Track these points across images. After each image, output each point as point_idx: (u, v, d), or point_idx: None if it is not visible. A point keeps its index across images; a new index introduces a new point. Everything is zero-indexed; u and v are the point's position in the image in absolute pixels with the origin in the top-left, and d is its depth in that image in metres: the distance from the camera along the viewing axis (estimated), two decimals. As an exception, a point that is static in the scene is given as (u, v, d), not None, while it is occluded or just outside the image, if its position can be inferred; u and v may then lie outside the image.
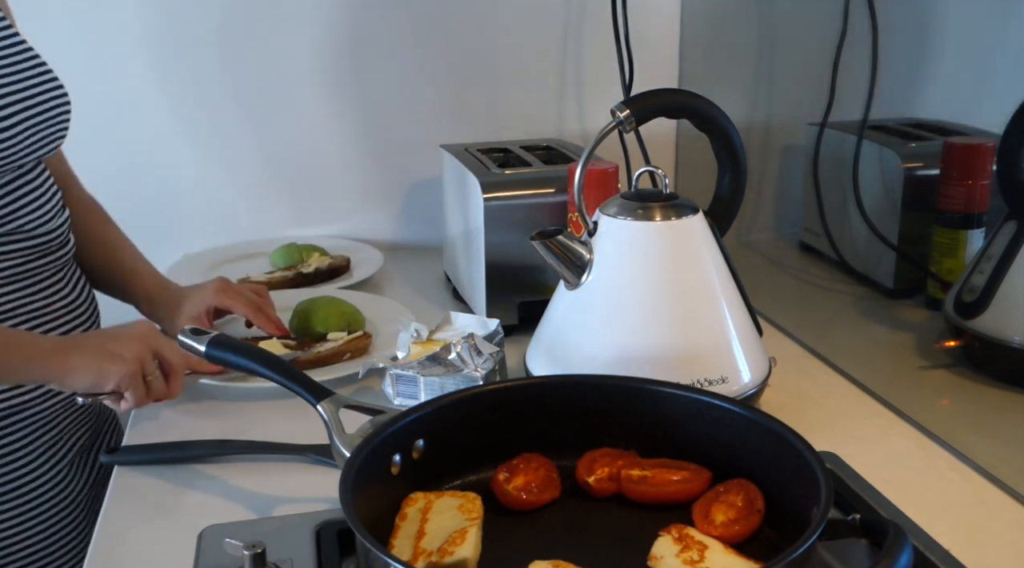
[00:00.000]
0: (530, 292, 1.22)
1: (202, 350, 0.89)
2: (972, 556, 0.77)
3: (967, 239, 1.27)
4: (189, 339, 0.90)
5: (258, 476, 0.93)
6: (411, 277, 1.50)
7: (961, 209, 1.26)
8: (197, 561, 0.78)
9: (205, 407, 1.07)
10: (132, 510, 0.89)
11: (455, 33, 1.59)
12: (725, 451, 0.81)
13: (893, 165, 1.33)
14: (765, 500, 0.77)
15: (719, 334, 0.98)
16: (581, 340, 0.99)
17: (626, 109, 1.00)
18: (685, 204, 1.00)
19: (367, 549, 0.64)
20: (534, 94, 1.63)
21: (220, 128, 1.55)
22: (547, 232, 0.99)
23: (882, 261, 1.37)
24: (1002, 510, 0.87)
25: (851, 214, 1.39)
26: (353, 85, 1.55)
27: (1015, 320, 1.08)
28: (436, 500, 0.78)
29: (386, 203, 1.64)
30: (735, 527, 0.74)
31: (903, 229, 1.33)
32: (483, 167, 1.29)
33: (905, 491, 0.86)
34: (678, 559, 0.70)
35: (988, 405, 1.08)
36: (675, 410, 0.83)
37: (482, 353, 1.03)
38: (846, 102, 1.41)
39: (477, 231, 1.24)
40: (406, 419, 0.79)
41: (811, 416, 1.02)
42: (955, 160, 1.26)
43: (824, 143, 1.45)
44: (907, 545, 0.63)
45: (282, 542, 0.77)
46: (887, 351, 1.24)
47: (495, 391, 0.88)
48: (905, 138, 1.40)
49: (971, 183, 1.25)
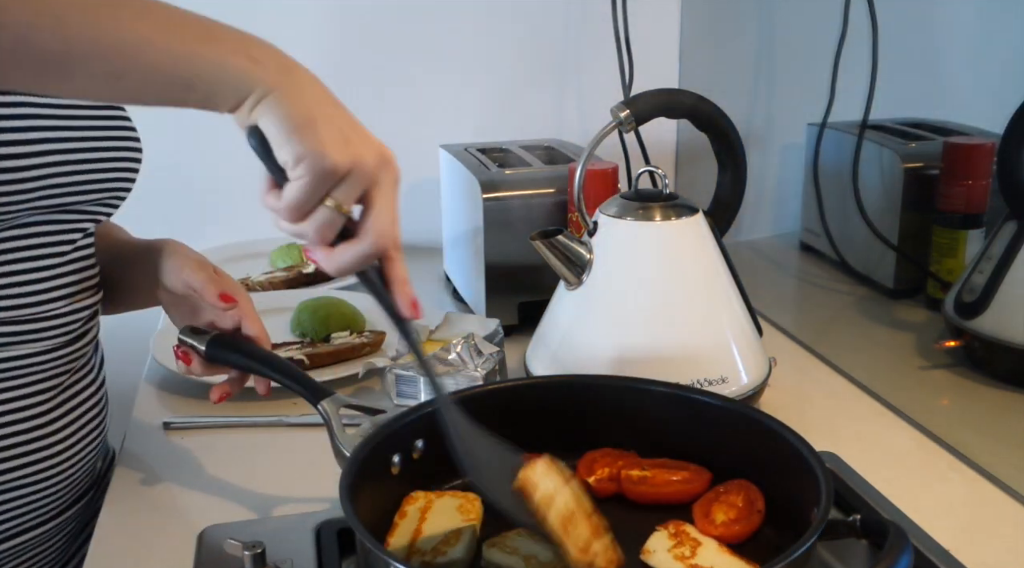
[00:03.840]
0: (530, 292, 1.22)
1: (202, 349, 0.89)
2: (972, 556, 0.77)
3: (967, 239, 1.27)
4: (189, 338, 0.90)
5: (258, 476, 0.93)
6: (411, 277, 1.49)
7: (961, 209, 1.26)
8: (197, 561, 0.78)
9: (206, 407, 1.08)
10: (132, 510, 0.89)
11: (455, 33, 1.59)
12: (725, 451, 0.81)
13: (893, 165, 1.33)
14: (765, 500, 0.77)
15: (719, 334, 0.98)
16: (581, 340, 0.99)
17: (626, 109, 1.00)
18: (685, 204, 1.00)
19: (367, 549, 0.64)
20: (534, 94, 1.63)
21: (220, 127, 1.54)
22: (547, 232, 0.99)
23: (882, 261, 1.37)
24: (1002, 510, 0.87)
25: (851, 214, 1.39)
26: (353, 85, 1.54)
27: (1015, 320, 1.08)
28: (436, 500, 0.78)
29: (386, 203, 1.64)
30: (735, 527, 0.74)
31: (903, 229, 1.33)
32: (483, 167, 1.29)
33: (905, 491, 0.86)
34: (669, 553, 0.71)
35: (988, 405, 1.08)
36: (675, 410, 0.83)
37: (482, 353, 1.03)
38: (846, 102, 1.41)
39: (477, 231, 1.24)
40: (406, 419, 0.79)
41: (811, 416, 1.02)
42: (955, 160, 1.26)
43: (824, 143, 1.45)
44: (907, 546, 0.63)
45: (282, 542, 0.77)
46: (887, 351, 1.24)
47: (495, 391, 0.88)
48: (905, 138, 1.40)
49: (971, 183, 1.25)
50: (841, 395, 1.10)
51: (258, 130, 0.63)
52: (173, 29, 0.62)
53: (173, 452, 0.99)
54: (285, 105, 0.62)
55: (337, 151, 0.62)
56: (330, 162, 0.62)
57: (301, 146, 0.62)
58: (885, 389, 1.09)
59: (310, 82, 0.65)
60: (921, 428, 1.01)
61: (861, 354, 1.20)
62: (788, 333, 1.26)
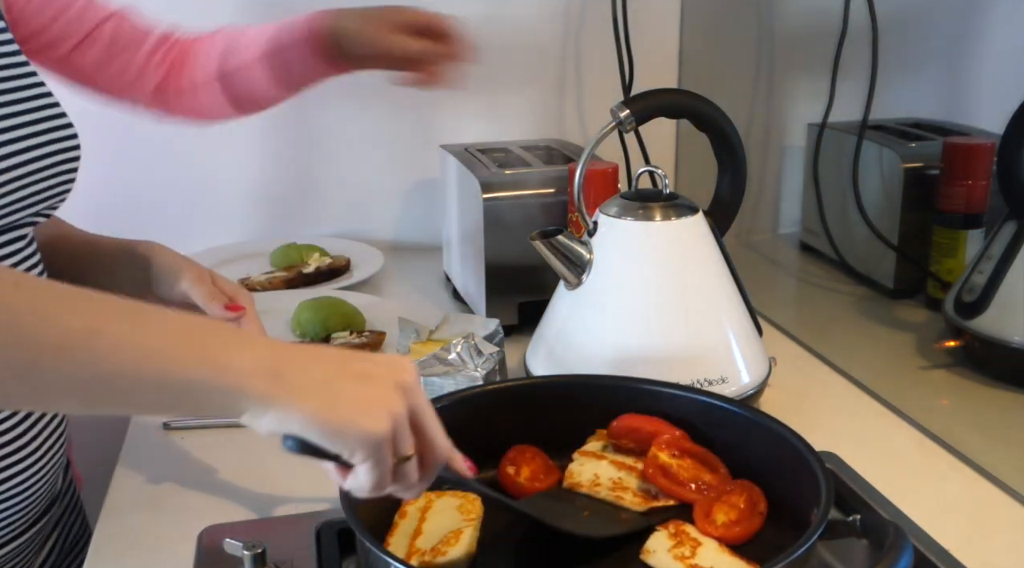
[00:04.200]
0: (530, 292, 1.22)
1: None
2: (972, 556, 0.77)
3: (967, 239, 1.27)
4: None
5: (258, 476, 0.93)
6: (411, 277, 1.50)
7: (961, 209, 1.26)
8: (197, 561, 0.78)
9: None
10: (132, 510, 0.89)
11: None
12: (725, 451, 0.81)
13: (893, 165, 1.33)
14: (766, 500, 0.77)
15: (719, 334, 0.98)
16: (581, 340, 0.99)
17: (626, 109, 1.00)
18: (685, 204, 1.00)
19: (367, 549, 0.64)
20: (534, 94, 1.63)
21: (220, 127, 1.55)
22: (547, 232, 0.99)
23: (882, 261, 1.37)
24: (1002, 510, 0.87)
25: (851, 214, 1.39)
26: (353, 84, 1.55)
27: (1015, 320, 1.08)
28: (436, 499, 0.78)
29: (386, 203, 1.64)
30: (736, 528, 0.74)
31: (903, 229, 1.33)
32: (483, 167, 1.29)
33: (905, 491, 0.86)
34: (669, 554, 0.71)
35: (988, 405, 1.08)
36: (675, 410, 0.83)
37: (482, 353, 1.03)
38: (846, 102, 1.41)
39: (477, 231, 1.24)
40: (406, 419, 0.79)
41: (811, 416, 1.02)
42: (955, 160, 1.26)
43: (824, 143, 1.45)
44: (907, 546, 0.63)
45: (282, 542, 0.77)
46: (887, 351, 1.24)
47: (495, 391, 0.87)
48: (905, 138, 1.40)
49: (971, 183, 1.25)
50: (841, 395, 1.10)
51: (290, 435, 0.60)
52: (149, 354, 0.57)
53: (173, 452, 0.99)
54: (297, 413, 0.59)
55: (374, 421, 0.59)
56: (378, 436, 0.60)
57: (345, 441, 0.60)
58: (885, 389, 1.09)
59: (301, 364, 0.60)
60: (921, 428, 1.01)
61: (861, 354, 1.20)
62: (788, 333, 1.26)
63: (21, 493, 0.90)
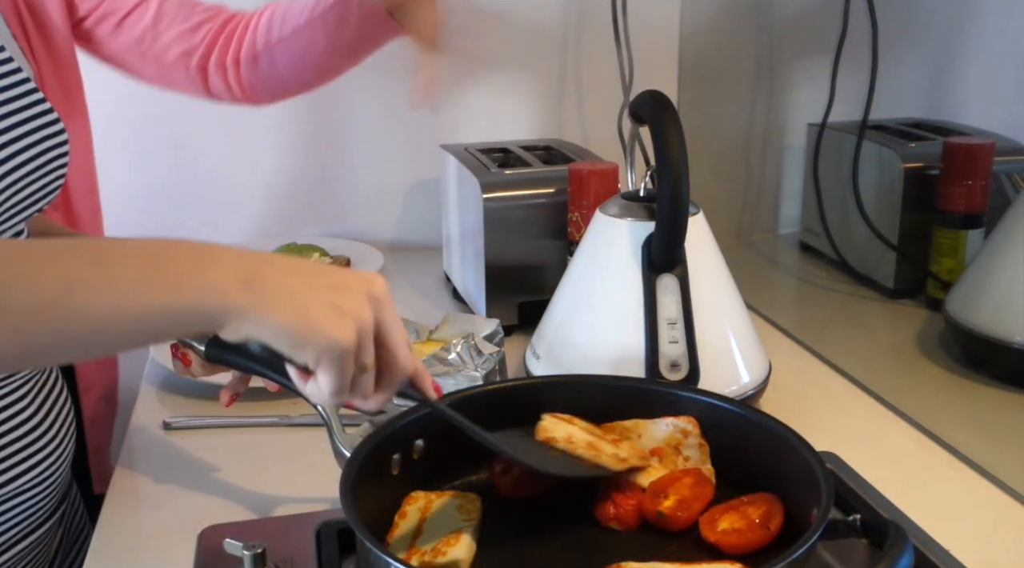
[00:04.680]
0: (530, 292, 1.22)
1: (202, 350, 0.89)
2: (972, 556, 0.77)
3: (967, 239, 1.27)
4: (188, 339, 0.90)
5: (258, 476, 0.93)
6: (411, 277, 1.50)
7: (961, 209, 1.26)
8: (197, 561, 0.78)
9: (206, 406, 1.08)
10: (132, 510, 0.89)
11: (455, 33, 1.59)
12: (725, 452, 0.81)
13: (893, 165, 1.33)
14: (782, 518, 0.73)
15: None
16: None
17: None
18: (685, 204, 1.00)
19: (367, 549, 0.64)
20: (534, 94, 1.63)
21: (220, 127, 1.55)
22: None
23: (882, 261, 1.37)
24: (1002, 510, 0.87)
25: (851, 214, 1.39)
26: (353, 84, 1.55)
27: (1015, 320, 1.08)
28: (436, 500, 0.77)
29: (386, 203, 1.64)
30: (732, 536, 0.71)
31: (903, 229, 1.33)
32: (483, 167, 1.29)
33: (905, 491, 0.86)
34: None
35: (988, 405, 1.08)
36: (675, 410, 0.83)
37: (482, 353, 1.03)
38: (846, 102, 1.41)
39: (477, 231, 1.24)
40: (406, 419, 0.79)
41: (811, 416, 1.02)
42: (955, 160, 1.26)
43: (824, 143, 1.45)
44: (908, 546, 0.63)
45: (282, 542, 0.77)
46: (887, 351, 1.24)
47: (495, 391, 0.87)
48: (905, 138, 1.40)
49: (971, 183, 1.25)
50: (841, 395, 1.10)
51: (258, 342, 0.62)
52: (125, 292, 0.59)
53: (173, 452, 0.99)
54: (271, 321, 0.61)
55: (340, 329, 0.61)
56: (343, 345, 0.61)
57: (311, 349, 0.61)
58: (885, 389, 1.09)
59: (271, 273, 0.62)
60: (921, 428, 1.01)
61: (861, 354, 1.20)
62: (788, 333, 1.26)
63: (40, 484, 0.91)
